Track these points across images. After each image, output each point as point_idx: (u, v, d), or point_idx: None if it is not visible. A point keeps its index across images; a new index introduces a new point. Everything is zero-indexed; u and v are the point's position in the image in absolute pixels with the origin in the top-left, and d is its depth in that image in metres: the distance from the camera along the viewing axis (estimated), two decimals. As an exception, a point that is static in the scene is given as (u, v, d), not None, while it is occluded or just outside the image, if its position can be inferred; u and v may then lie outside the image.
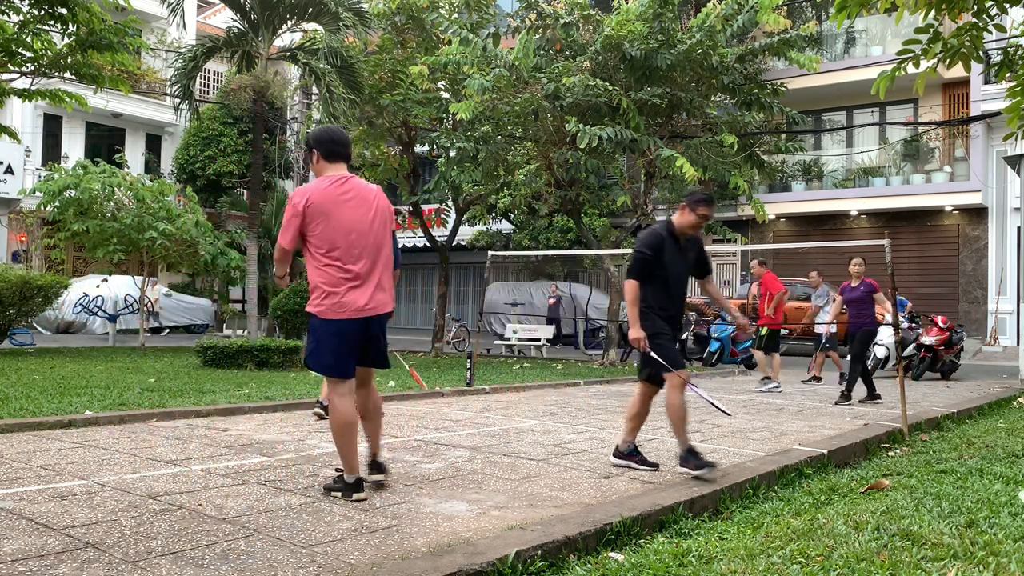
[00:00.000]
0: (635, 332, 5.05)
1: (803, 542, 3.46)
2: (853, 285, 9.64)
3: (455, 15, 15.63)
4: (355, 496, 4.19)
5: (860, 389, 9.87)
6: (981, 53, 5.81)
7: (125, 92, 14.15)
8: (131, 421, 6.64)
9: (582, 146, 13.02)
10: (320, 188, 4.29)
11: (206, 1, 32.56)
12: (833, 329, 12.19)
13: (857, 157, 22.26)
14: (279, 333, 17.56)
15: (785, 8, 17.40)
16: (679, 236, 5.18)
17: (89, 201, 14.64)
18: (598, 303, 21.57)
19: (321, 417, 7.01)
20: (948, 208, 20.61)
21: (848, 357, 9.83)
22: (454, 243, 19.27)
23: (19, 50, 12.62)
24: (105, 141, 26.73)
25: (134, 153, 27.26)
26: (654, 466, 5.16)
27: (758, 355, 11.77)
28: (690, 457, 4.93)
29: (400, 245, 27.52)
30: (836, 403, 9.52)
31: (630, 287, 5.09)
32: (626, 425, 5.28)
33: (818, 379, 12.26)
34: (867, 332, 9.49)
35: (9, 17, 12.65)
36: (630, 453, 5.23)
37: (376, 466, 4.59)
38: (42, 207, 15.84)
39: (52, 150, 25.81)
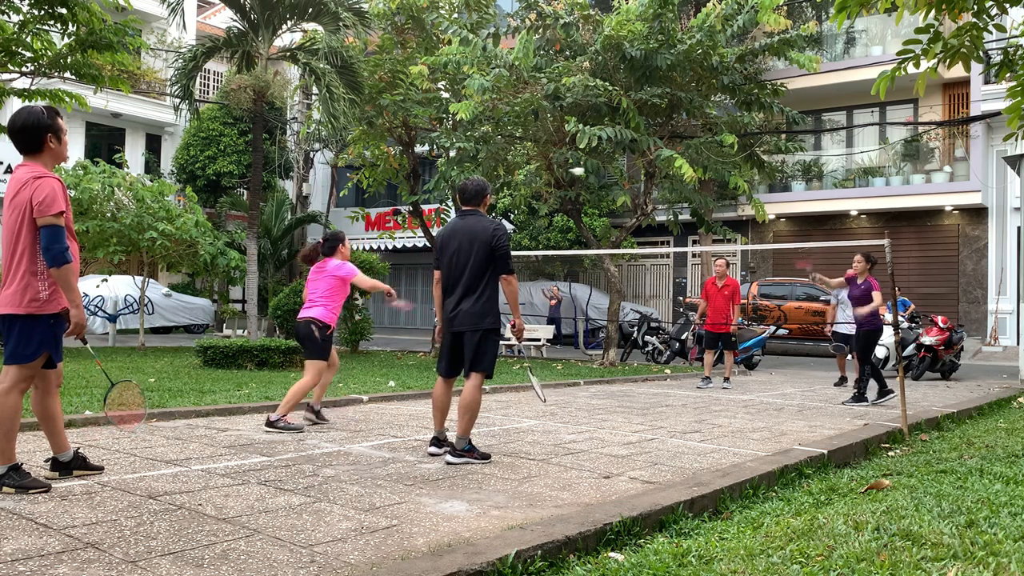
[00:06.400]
0: None
1: (803, 542, 3.46)
2: (859, 282, 9.45)
3: (455, 15, 15.62)
4: (22, 480, 4.11)
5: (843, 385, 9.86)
6: (981, 53, 5.81)
7: (125, 92, 14.14)
8: (131, 421, 6.63)
9: (582, 146, 13.01)
10: None
11: (206, 1, 32.54)
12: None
13: (857, 157, 22.27)
14: (279, 333, 17.55)
15: (785, 8, 17.41)
16: None
17: (89, 201, 14.63)
18: (598, 303, 21.57)
19: (313, 422, 6.91)
20: (948, 208, 20.61)
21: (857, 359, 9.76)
22: (454, 243, 19.24)
23: (19, 50, 12.59)
24: (105, 141, 26.72)
25: (134, 153, 27.25)
26: None
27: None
28: None
29: (400, 245, 27.28)
30: (844, 403, 9.50)
31: None
32: None
33: (846, 380, 11.89)
34: (870, 332, 9.38)
35: (9, 17, 12.63)
36: None
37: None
38: (42, 207, 15.77)
39: (52, 150, 25.79)
